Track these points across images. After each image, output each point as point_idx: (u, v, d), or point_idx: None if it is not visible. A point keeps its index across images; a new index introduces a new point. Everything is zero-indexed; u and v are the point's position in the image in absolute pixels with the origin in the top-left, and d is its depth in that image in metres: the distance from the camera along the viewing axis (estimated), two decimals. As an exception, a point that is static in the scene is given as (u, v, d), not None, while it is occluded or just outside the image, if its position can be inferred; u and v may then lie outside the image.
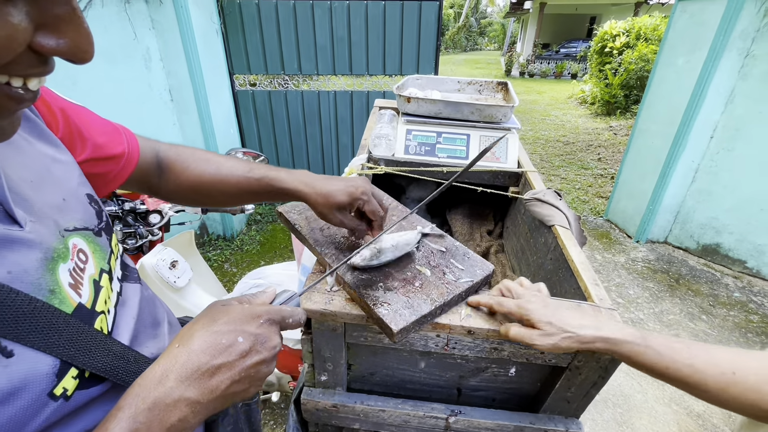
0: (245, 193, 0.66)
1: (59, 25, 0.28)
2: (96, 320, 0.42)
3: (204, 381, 0.37)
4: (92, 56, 0.32)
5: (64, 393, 0.36)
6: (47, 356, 0.35)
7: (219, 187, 0.65)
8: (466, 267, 0.67)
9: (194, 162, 0.65)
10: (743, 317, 2.50)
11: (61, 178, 0.46)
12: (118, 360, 0.42)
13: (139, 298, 0.53)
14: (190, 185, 0.65)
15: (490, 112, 1.17)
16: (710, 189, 2.94)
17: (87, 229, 0.46)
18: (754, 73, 2.57)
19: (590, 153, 5.70)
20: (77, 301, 0.40)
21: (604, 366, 0.63)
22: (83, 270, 0.43)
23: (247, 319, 0.41)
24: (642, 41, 7.36)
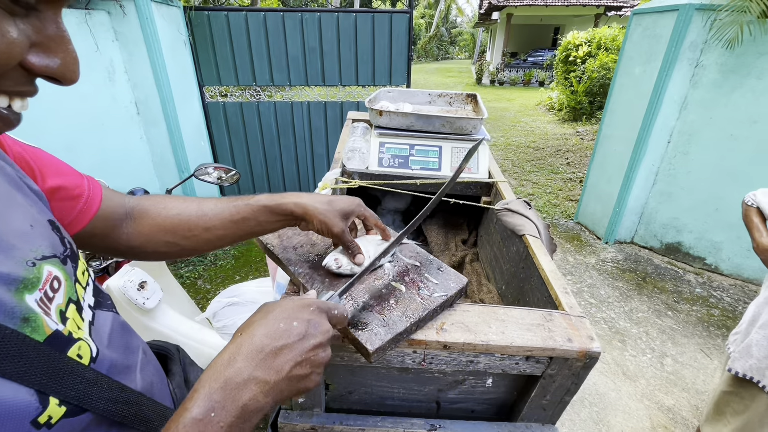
0: (233, 223, 0.61)
1: (50, 45, 0.30)
2: (72, 347, 0.40)
3: (269, 361, 0.39)
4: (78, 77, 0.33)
5: (48, 421, 0.35)
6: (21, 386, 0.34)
7: (203, 221, 0.60)
8: (440, 281, 0.67)
9: (172, 202, 0.62)
10: (705, 311, 2.64)
11: (25, 204, 0.44)
12: (90, 387, 0.40)
13: (111, 327, 0.51)
14: (170, 225, 0.60)
15: (461, 124, 1.19)
16: (670, 190, 3.10)
17: (55, 257, 0.44)
18: (704, 81, 2.75)
19: (559, 158, 5.91)
20: (53, 329, 0.38)
21: (576, 373, 0.65)
22: (51, 300, 0.41)
23: (299, 307, 0.44)
24: (603, 51, 7.74)
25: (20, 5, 0.28)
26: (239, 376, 0.38)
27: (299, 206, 0.61)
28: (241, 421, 0.37)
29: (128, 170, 2.55)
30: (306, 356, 0.41)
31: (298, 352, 0.41)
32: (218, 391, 0.37)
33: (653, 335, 2.43)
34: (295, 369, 0.40)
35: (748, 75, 2.57)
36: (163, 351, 0.71)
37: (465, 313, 0.66)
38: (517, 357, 0.63)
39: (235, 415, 0.36)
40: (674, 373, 2.15)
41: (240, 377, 0.37)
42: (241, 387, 0.37)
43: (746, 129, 2.64)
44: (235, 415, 0.36)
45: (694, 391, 2.04)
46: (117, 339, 0.51)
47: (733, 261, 2.92)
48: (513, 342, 0.61)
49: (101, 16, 2.24)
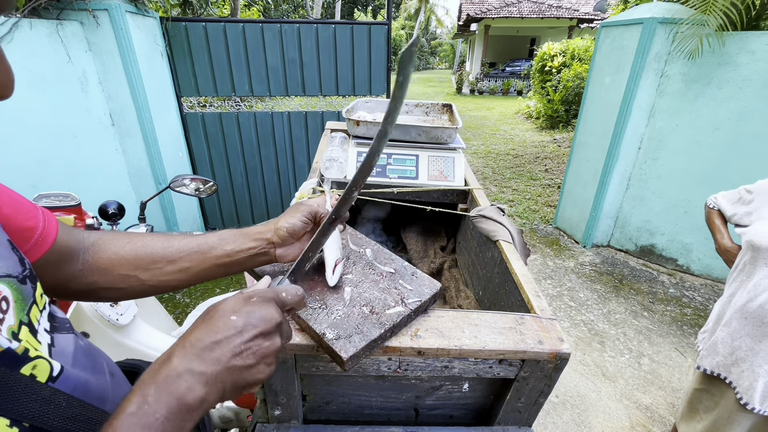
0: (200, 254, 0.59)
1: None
2: (25, 366, 0.39)
3: (205, 353, 0.38)
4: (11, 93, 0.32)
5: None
6: None
7: (168, 253, 0.58)
8: (414, 287, 0.68)
9: (136, 236, 0.60)
10: (678, 311, 2.73)
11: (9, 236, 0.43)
12: (47, 405, 0.39)
13: (74, 348, 0.50)
14: (132, 257, 0.57)
15: (437, 133, 1.22)
16: (642, 195, 3.22)
17: (10, 276, 0.42)
18: (669, 90, 2.88)
19: (538, 165, 6.05)
20: (5, 347, 0.37)
21: (548, 374, 0.66)
22: (2, 321, 0.39)
23: (240, 301, 0.43)
24: (576, 61, 8.02)
25: None
26: (174, 370, 0.37)
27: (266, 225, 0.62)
28: (180, 413, 0.36)
29: (102, 183, 2.49)
30: (246, 346, 0.40)
31: (237, 343, 0.40)
32: (152, 386, 0.36)
33: (630, 336, 2.49)
34: (234, 359, 0.39)
35: (709, 84, 2.71)
36: (136, 368, 0.69)
37: (439, 318, 0.67)
38: (491, 361, 0.64)
39: (171, 407, 0.35)
40: (651, 372, 2.21)
41: (175, 371, 0.37)
42: (176, 379, 0.36)
43: (709, 135, 2.78)
44: (170, 407, 0.35)
45: (670, 389, 2.10)
46: (82, 359, 0.50)
47: (702, 261, 3.04)
48: (486, 346, 0.62)
49: (74, 27, 2.20)
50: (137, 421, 0.33)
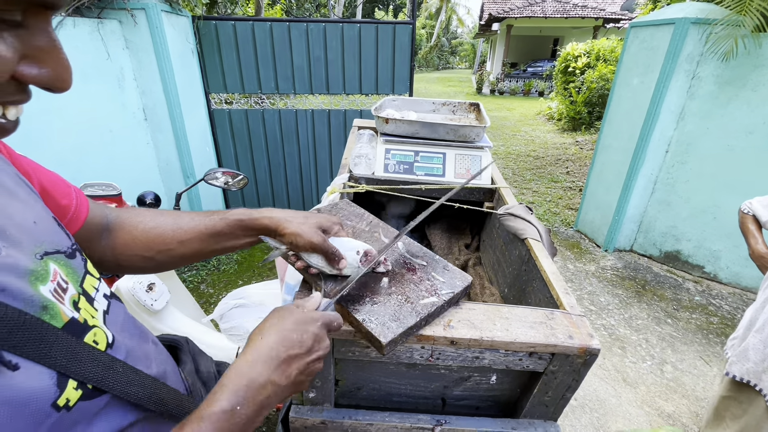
0: (208, 237, 0.63)
1: (40, 55, 0.31)
2: (88, 334, 0.42)
3: (283, 367, 0.46)
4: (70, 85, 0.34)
5: (66, 404, 0.37)
6: (44, 368, 0.36)
7: (179, 235, 0.62)
8: (446, 279, 0.70)
9: (148, 215, 0.64)
10: (704, 319, 2.65)
11: (28, 200, 0.45)
12: (106, 370, 0.43)
13: (123, 317, 0.54)
14: (145, 239, 0.62)
15: (464, 132, 1.23)
16: (669, 199, 3.14)
17: (59, 252, 0.45)
18: (700, 93, 2.81)
19: (559, 167, 5.96)
20: (70, 316, 0.41)
21: (577, 369, 0.67)
22: (65, 291, 0.43)
23: (309, 321, 0.50)
24: (601, 62, 7.84)
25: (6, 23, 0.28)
26: (260, 377, 0.44)
27: (273, 221, 0.62)
28: (257, 416, 0.44)
29: (134, 175, 2.59)
30: (308, 367, 0.48)
31: (305, 362, 0.48)
32: (243, 388, 0.43)
33: (653, 342, 2.44)
34: (298, 376, 0.47)
35: (743, 87, 2.63)
36: (173, 343, 0.73)
37: (471, 311, 0.69)
38: (521, 353, 0.65)
39: (254, 411, 0.43)
40: (674, 380, 2.17)
41: (261, 378, 0.44)
42: (261, 388, 0.44)
43: (742, 140, 2.69)
44: (254, 411, 0.43)
45: (694, 398, 2.06)
46: (130, 328, 0.54)
47: (731, 269, 2.94)
48: (517, 338, 0.64)
49: (113, 25, 2.30)
50: (229, 419, 0.41)
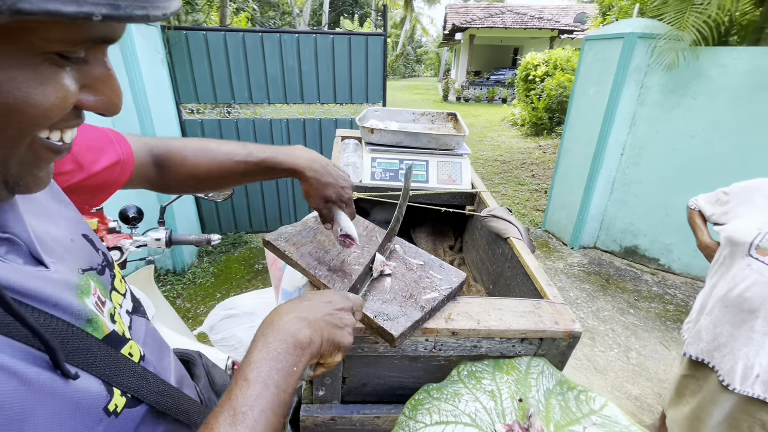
0: (243, 176, 0.72)
1: (97, 84, 0.33)
2: (124, 346, 0.45)
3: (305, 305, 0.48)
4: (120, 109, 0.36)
5: (115, 410, 0.40)
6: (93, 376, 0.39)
7: (220, 173, 0.70)
8: (443, 276, 0.77)
9: (190, 154, 0.69)
10: (662, 308, 2.88)
11: (65, 218, 0.49)
12: (142, 381, 0.45)
13: (144, 331, 0.56)
14: (190, 175, 0.69)
15: (445, 140, 1.32)
16: (625, 198, 3.39)
17: (92, 269, 0.48)
18: (649, 100, 3.07)
19: (525, 170, 6.24)
20: (111, 329, 0.44)
21: (562, 351, 0.75)
22: (104, 304, 0.46)
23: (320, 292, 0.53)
24: (559, 70, 8.32)
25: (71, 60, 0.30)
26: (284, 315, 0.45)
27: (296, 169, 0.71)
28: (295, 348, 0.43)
29: (104, 189, 2.50)
30: (334, 311, 0.49)
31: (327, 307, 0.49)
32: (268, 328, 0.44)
33: (618, 331, 2.63)
34: (327, 316, 0.48)
35: (685, 95, 2.91)
36: (187, 357, 0.75)
37: (467, 304, 0.76)
38: (514, 340, 0.73)
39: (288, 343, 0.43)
40: (638, 365, 2.34)
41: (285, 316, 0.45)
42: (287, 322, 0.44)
43: (686, 143, 2.97)
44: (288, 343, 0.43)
45: (657, 380, 2.23)
46: (151, 342, 0.56)
47: (683, 261, 3.22)
48: (510, 326, 0.71)
49: (79, 35, 2.23)
50: (265, 356, 0.41)
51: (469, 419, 0.57)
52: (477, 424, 0.57)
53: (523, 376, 0.67)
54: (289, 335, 0.43)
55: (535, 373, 0.68)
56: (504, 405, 0.62)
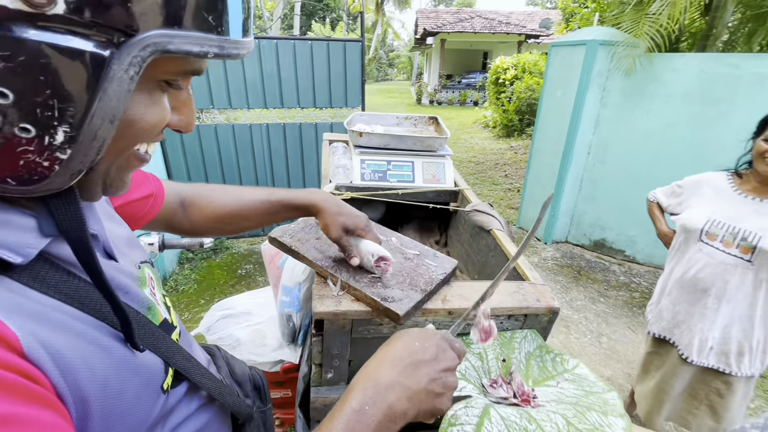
0: (265, 215, 0.77)
1: (182, 107, 0.40)
2: (173, 332, 0.51)
3: (410, 370, 0.46)
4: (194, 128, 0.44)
5: (168, 389, 0.46)
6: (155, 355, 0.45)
7: (242, 214, 0.75)
8: (437, 263, 0.85)
9: (216, 195, 0.75)
10: (629, 295, 3.09)
11: (119, 219, 0.55)
12: (188, 362, 0.51)
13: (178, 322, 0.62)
14: (215, 216, 0.74)
15: (429, 142, 1.41)
16: (593, 195, 3.61)
17: (145, 262, 0.54)
18: (611, 103, 3.30)
19: (498, 171, 6.47)
20: (164, 317, 0.49)
21: (544, 326, 0.85)
22: (155, 295, 0.52)
23: (429, 334, 0.51)
24: (527, 74, 8.67)
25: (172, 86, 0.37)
26: (386, 378, 0.44)
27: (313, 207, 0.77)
28: (388, 420, 0.42)
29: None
30: (439, 375, 0.47)
31: (433, 369, 0.47)
32: (371, 388, 0.43)
33: (590, 319, 2.81)
34: (430, 384, 0.46)
35: (642, 98, 3.14)
36: (208, 350, 0.80)
37: (460, 287, 0.84)
38: (502, 317, 0.82)
39: (384, 412, 0.42)
40: (609, 349, 2.52)
41: (387, 379, 0.44)
42: (389, 388, 0.43)
43: (644, 142, 3.21)
44: (383, 412, 0.42)
45: (626, 362, 2.41)
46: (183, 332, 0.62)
47: (646, 251, 3.46)
48: (499, 305, 0.80)
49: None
50: (359, 419, 0.41)
51: (459, 374, 0.65)
52: (467, 378, 0.65)
53: (508, 341, 0.76)
54: (387, 405, 0.42)
55: (519, 338, 0.78)
56: (489, 364, 0.71)
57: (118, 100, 0.30)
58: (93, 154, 0.31)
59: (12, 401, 0.26)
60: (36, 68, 0.26)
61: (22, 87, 0.26)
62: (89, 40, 0.27)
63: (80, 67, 0.27)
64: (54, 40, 0.26)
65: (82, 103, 0.28)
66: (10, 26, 0.24)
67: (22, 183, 0.30)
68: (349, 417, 0.40)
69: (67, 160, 0.30)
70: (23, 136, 0.27)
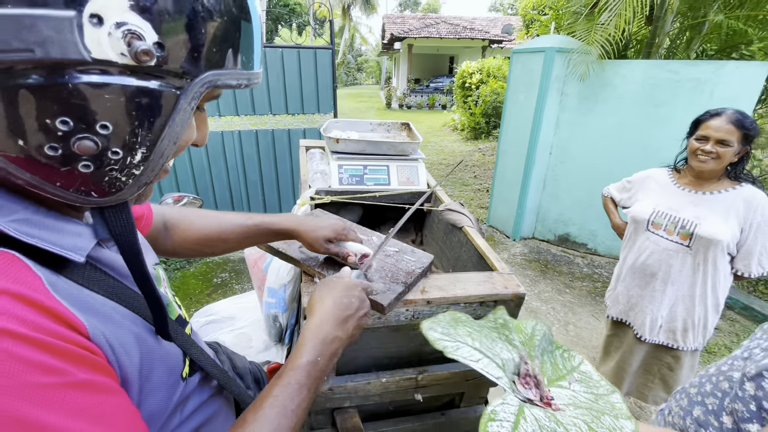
0: (244, 238, 0.81)
1: (201, 125, 0.47)
2: (187, 327, 0.56)
3: (343, 325, 0.59)
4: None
5: (186, 377, 0.51)
6: (175, 346, 0.50)
7: (222, 237, 0.79)
8: (415, 258, 0.93)
9: (197, 219, 0.78)
10: (591, 285, 3.31)
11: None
12: (201, 354, 0.57)
13: None
14: (196, 239, 0.77)
15: (403, 147, 1.49)
16: (556, 192, 3.83)
17: (158, 264, 0.59)
18: (569, 106, 3.52)
19: (467, 172, 6.68)
20: (178, 312, 0.54)
21: (512, 311, 0.94)
22: (167, 293, 0.57)
23: (352, 287, 0.64)
24: (492, 78, 9.00)
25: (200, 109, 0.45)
26: (330, 334, 0.57)
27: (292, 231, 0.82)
28: (330, 364, 0.56)
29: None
30: (359, 322, 0.62)
31: (356, 318, 0.61)
32: (319, 344, 0.55)
33: (558, 309, 2.98)
34: (355, 330, 0.61)
35: (596, 101, 3.38)
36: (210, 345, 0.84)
37: (437, 279, 0.92)
38: (475, 304, 0.91)
39: (329, 359, 0.55)
40: (576, 336, 2.69)
41: (331, 335, 0.57)
42: (332, 342, 0.56)
43: (600, 141, 3.44)
44: (328, 359, 0.55)
45: (591, 347, 2.58)
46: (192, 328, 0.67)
47: (606, 243, 3.70)
48: (471, 293, 0.89)
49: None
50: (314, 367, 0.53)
51: (500, 362, 0.69)
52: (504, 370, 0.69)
53: (529, 338, 0.81)
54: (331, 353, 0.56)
55: (538, 336, 0.82)
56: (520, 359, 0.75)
57: (181, 125, 0.37)
58: (158, 170, 0.39)
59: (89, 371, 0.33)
60: (131, 106, 0.33)
61: (120, 120, 0.33)
62: (169, 83, 0.35)
63: (161, 103, 0.35)
64: (147, 84, 0.33)
65: (158, 130, 0.36)
66: (118, 75, 0.32)
67: (102, 195, 0.36)
68: (306, 366, 0.52)
69: (139, 175, 0.37)
70: (113, 158, 0.34)
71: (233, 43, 0.38)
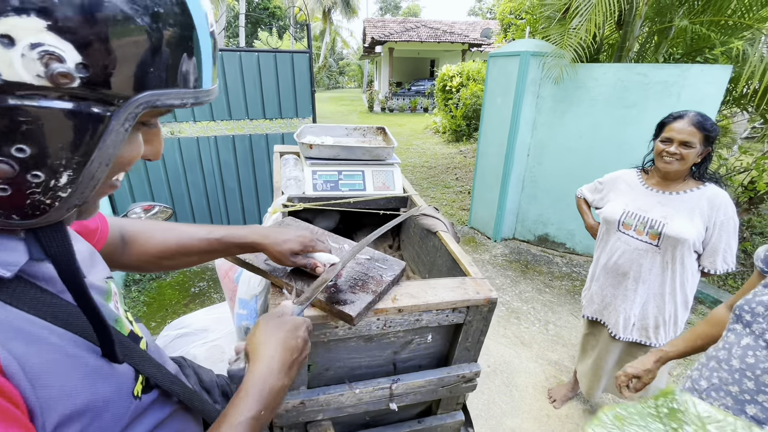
0: (206, 253, 0.77)
1: (152, 139, 0.45)
2: (141, 342, 0.54)
3: (290, 370, 0.57)
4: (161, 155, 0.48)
5: (139, 395, 0.48)
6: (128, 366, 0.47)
7: (182, 251, 0.75)
8: (387, 266, 0.92)
9: (157, 232, 0.75)
10: (570, 284, 3.36)
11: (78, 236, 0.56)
12: (157, 370, 0.54)
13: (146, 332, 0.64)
14: (156, 253, 0.74)
15: (378, 152, 1.48)
16: (534, 193, 3.89)
17: (110, 277, 0.56)
18: (544, 108, 3.59)
19: (449, 174, 6.74)
20: (129, 328, 0.52)
21: (485, 316, 0.94)
22: (118, 309, 0.54)
23: (297, 327, 0.62)
24: (472, 81, 9.12)
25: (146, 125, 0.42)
26: (278, 383, 0.54)
27: (258, 244, 0.78)
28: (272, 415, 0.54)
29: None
30: (302, 362, 0.61)
31: (300, 360, 0.60)
32: (266, 396, 0.52)
33: (538, 308, 3.02)
34: (297, 371, 0.60)
35: (571, 103, 3.46)
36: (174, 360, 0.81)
37: (408, 286, 0.91)
38: (447, 310, 0.90)
39: (272, 411, 0.53)
40: (556, 335, 2.73)
41: (278, 384, 0.54)
42: (279, 391, 0.54)
43: (576, 142, 3.52)
44: (272, 411, 0.53)
45: (570, 345, 2.62)
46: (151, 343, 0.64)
47: (583, 243, 3.77)
48: (443, 299, 0.88)
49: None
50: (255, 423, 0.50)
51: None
52: None
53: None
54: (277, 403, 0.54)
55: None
56: None
57: (114, 147, 0.35)
58: (88, 192, 0.37)
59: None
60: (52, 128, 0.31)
61: (39, 143, 0.31)
62: (96, 104, 0.33)
63: (87, 125, 0.33)
64: (68, 106, 0.31)
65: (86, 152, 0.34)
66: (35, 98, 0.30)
67: (24, 218, 0.34)
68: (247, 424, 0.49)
69: (67, 197, 0.35)
70: (34, 180, 0.32)
71: (174, 62, 0.36)
